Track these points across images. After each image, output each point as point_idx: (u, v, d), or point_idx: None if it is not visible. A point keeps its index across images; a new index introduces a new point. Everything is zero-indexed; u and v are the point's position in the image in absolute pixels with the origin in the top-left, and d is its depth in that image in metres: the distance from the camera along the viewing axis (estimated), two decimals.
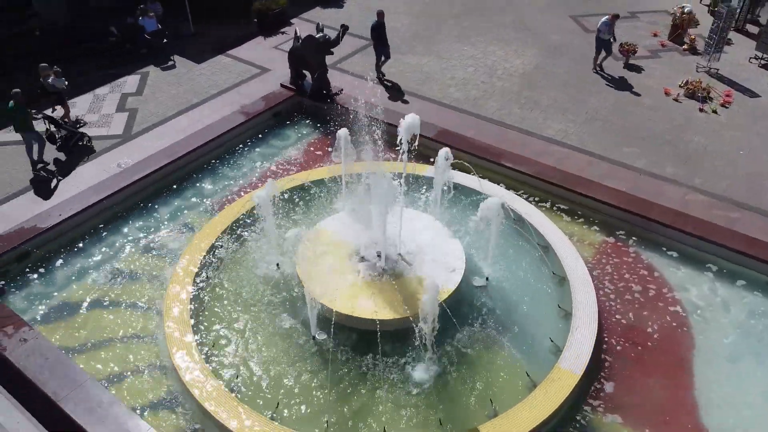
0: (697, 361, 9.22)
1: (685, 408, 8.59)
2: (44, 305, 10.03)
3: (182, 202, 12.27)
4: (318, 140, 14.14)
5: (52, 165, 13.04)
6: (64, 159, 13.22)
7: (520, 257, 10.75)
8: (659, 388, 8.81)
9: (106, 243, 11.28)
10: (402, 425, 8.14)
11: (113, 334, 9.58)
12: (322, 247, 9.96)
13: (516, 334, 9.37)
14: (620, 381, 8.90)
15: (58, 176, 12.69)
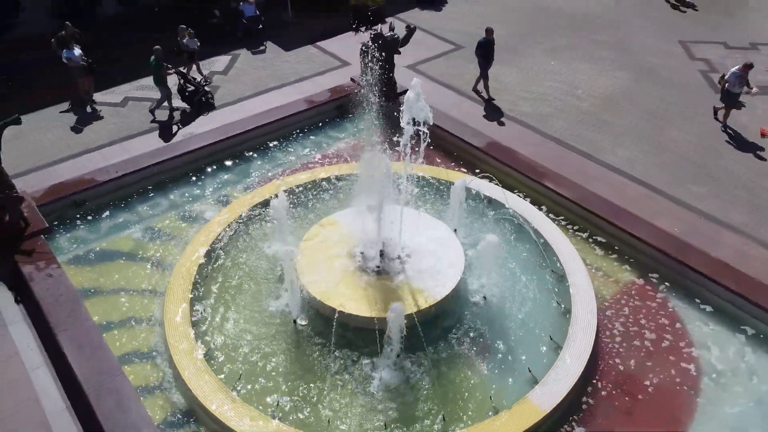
0: (693, 427, 8.31)
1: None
2: (81, 249, 11.15)
3: (227, 177, 12.99)
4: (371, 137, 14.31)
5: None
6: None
7: (530, 281, 10.26)
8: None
9: (150, 204, 12.25)
10: (347, 420, 8.15)
11: (130, 286, 10.42)
12: (327, 238, 10.16)
13: (496, 357, 9.01)
14: (594, 429, 8.24)
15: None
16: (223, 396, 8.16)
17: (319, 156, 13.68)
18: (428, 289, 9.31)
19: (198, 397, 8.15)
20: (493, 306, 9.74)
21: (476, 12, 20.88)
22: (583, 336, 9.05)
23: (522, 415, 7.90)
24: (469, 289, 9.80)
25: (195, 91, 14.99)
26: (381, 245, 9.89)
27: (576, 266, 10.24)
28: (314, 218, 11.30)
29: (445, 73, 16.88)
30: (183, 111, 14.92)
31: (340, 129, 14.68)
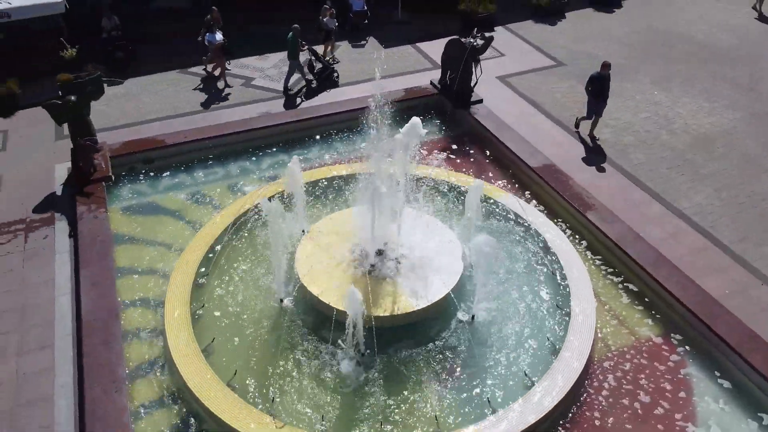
0: None
1: None
2: (134, 201, 12.36)
3: (284, 158, 13.60)
4: (433, 143, 14.17)
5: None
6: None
7: (531, 312, 9.70)
8: None
9: (208, 172, 13.22)
10: (286, 396, 8.37)
11: (163, 240, 11.37)
12: (332, 232, 10.38)
13: (455, 382, 8.62)
14: None
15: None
16: (186, 342, 8.76)
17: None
18: (410, 296, 9.18)
19: (170, 344, 8.81)
20: (478, 329, 9.34)
21: (594, 30, 19.83)
22: (562, 380, 8.41)
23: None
24: (459, 305, 9.45)
25: (323, 68, 16.28)
26: (382, 245, 9.89)
27: (585, 308, 9.49)
28: (337, 208, 11.60)
29: (534, 89, 16.25)
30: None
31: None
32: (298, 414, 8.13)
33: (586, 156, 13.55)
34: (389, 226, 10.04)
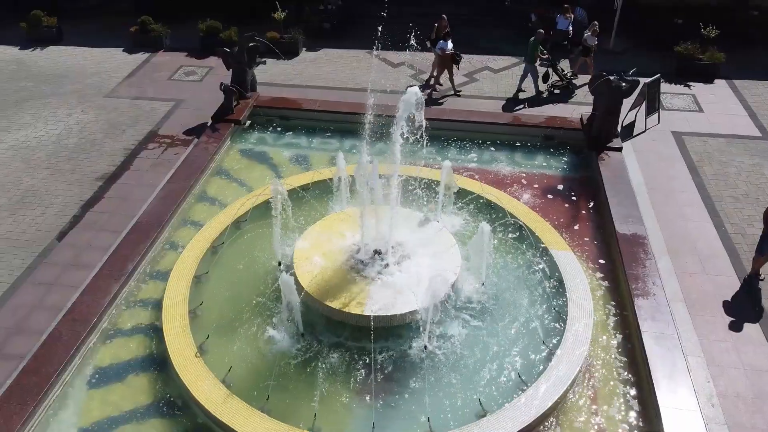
0: None
1: None
2: (252, 145, 14.13)
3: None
4: (542, 176, 13.09)
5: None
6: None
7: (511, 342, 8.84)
8: None
9: (322, 141, 14.35)
10: (224, 359, 8.92)
11: (250, 183, 12.83)
12: (337, 228, 10.53)
13: (392, 399, 8.27)
14: None
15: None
16: (176, 300, 9.60)
17: (473, 165, 13.41)
18: (388, 301, 9.05)
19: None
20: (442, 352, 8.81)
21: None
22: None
23: None
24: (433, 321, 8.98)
25: (560, 81, 16.23)
26: (380, 246, 9.85)
27: (569, 365, 8.27)
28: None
29: (708, 157, 13.59)
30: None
31: (531, 157, 13.77)
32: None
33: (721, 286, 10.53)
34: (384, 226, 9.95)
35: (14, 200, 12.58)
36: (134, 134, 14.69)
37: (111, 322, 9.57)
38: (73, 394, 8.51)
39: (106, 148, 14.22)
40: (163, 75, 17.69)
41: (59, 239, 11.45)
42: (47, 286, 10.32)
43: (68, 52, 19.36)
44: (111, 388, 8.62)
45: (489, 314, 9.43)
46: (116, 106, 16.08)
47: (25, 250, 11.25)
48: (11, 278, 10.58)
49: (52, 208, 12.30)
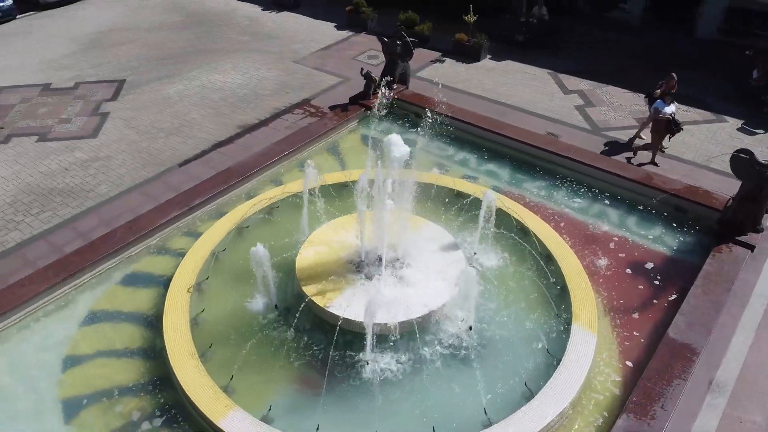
0: None
1: None
2: (372, 133, 14.65)
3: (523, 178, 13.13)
4: (642, 249, 11.18)
5: None
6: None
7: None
8: None
9: (438, 144, 14.10)
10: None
11: (352, 165, 13.46)
12: (343, 229, 10.47)
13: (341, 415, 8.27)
14: None
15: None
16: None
17: (572, 212, 12.03)
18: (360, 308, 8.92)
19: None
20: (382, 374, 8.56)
21: None
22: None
23: None
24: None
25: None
26: (383, 252, 9.69)
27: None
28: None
29: None
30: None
31: (639, 219, 11.88)
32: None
33: None
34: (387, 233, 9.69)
35: (175, 126, 15.18)
36: (292, 98, 16.36)
37: (161, 239, 11.15)
38: (100, 285, 10.28)
39: (264, 104, 16.14)
40: (350, 53, 19.15)
41: (180, 166, 13.57)
42: (147, 198, 12.41)
43: (294, 19, 22.08)
44: (132, 289, 10.18)
45: (458, 363, 8.72)
46: (296, 71, 18.00)
47: (155, 166, 13.61)
48: (128, 185, 12.96)
49: (193, 140, 14.54)
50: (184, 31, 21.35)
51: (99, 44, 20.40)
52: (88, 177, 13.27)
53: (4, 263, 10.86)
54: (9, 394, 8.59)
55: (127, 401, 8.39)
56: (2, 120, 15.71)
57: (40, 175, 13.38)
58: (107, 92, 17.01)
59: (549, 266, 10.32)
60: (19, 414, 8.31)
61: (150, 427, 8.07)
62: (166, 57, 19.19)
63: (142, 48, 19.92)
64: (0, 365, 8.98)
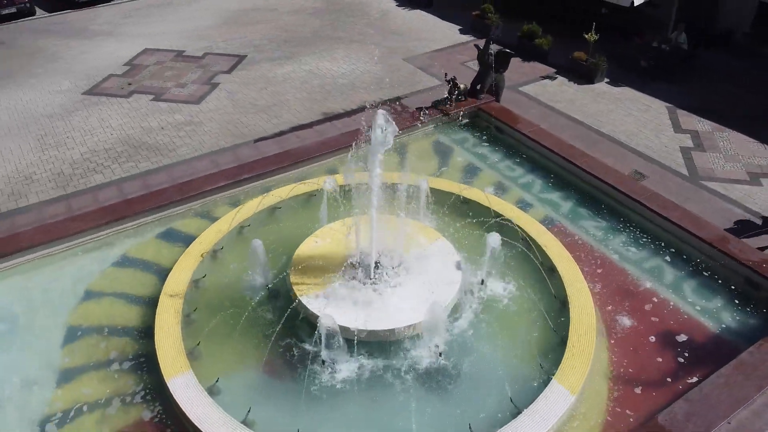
0: None
1: None
2: (441, 139, 14.32)
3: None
4: (689, 321, 9.78)
5: None
6: None
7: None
8: None
9: (507, 163, 13.47)
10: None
11: (411, 167, 13.36)
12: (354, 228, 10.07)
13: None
14: None
15: None
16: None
17: (620, 260, 10.85)
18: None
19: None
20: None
21: None
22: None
23: None
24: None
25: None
26: (380, 259, 9.53)
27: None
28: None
29: None
30: None
31: (695, 285, 10.37)
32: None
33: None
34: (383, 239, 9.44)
35: (268, 104, 16.12)
36: (385, 94, 16.54)
37: (204, 204, 11.94)
38: (140, 235, 11.32)
39: (355, 95, 16.51)
40: (461, 58, 18.80)
41: (255, 141, 14.42)
42: (214, 165, 13.36)
43: (422, 18, 22.17)
44: (166, 243, 11.08)
45: (411, 387, 8.36)
46: (401, 68, 18.13)
47: (234, 138, 14.61)
48: (204, 151, 14.05)
49: (277, 120, 15.35)
50: (317, 17, 22.43)
51: (237, 21, 22.19)
52: (175, 138, 14.60)
53: (78, 199, 12.38)
54: (33, 309, 9.84)
55: (113, 341, 9.21)
56: (133, 77, 17.78)
57: (140, 130, 14.99)
58: (226, 65, 18.48)
59: (561, 313, 9.45)
60: (33, 328, 9.50)
61: (118, 368, 8.79)
62: (290, 39, 20.33)
63: (272, 29, 21.30)
64: (34, 284, 10.31)
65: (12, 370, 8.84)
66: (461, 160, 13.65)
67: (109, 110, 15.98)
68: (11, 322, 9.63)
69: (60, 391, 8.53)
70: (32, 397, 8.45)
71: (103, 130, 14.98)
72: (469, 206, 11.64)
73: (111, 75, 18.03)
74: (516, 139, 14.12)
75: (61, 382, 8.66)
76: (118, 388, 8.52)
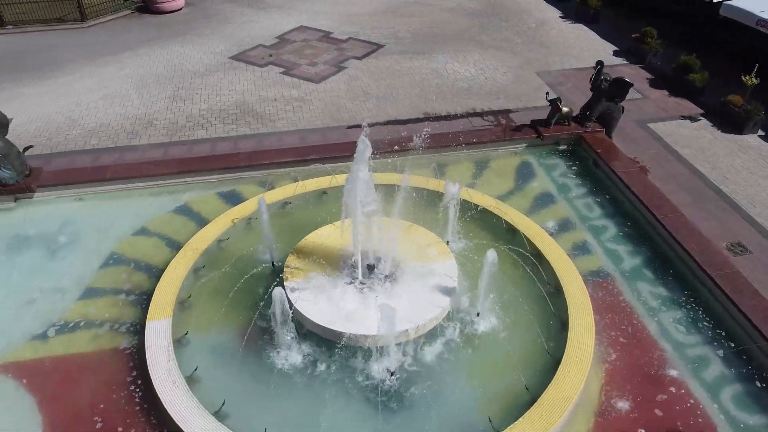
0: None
1: None
2: (540, 166, 13.42)
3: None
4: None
5: None
6: None
7: None
8: None
9: (590, 200, 12.29)
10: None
11: (480, 184, 12.85)
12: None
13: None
14: None
15: None
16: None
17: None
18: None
19: None
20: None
21: None
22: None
23: None
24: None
25: None
26: (374, 261, 9.35)
27: None
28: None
29: None
30: None
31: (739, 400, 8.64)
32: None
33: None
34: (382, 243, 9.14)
35: (378, 95, 16.40)
36: (496, 104, 15.91)
37: (268, 175, 12.56)
38: (204, 190, 12.39)
39: (466, 101, 16.09)
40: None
41: (348, 128, 14.82)
42: (301, 141, 14.07)
43: (580, 33, 20.68)
44: (222, 202, 12.05)
45: (360, 398, 8.18)
46: (528, 81, 17.22)
47: (331, 120, 15.15)
48: (298, 128, 14.79)
49: (377, 111, 15.59)
50: (469, 17, 22.08)
51: (393, 11, 22.69)
52: (281, 110, 15.58)
53: (175, 148, 13.89)
54: (93, 231, 11.33)
55: (135, 276, 10.30)
56: (277, 50, 19.22)
57: (257, 98, 16.24)
58: (361, 51, 19.12)
59: (547, 374, 8.47)
60: (84, 246, 10.96)
61: (125, 299, 9.83)
62: (431, 35, 20.34)
63: (421, 23, 21.46)
64: (103, 210, 11.83)
65: (52, 276, 10.34)
66: (537, 186, 12.70)
67: (242, 76, 17.50)
68: (71, 237, 11.23)
69: (75, 304, 9.80)
70: (55, 304, 9.83)
71: (227, 93, 16.49)
72: (513, 236, 10.84)
73: (260, 45, 19.67)
74: (608, 176, 12.77)
75: (81, 297, 9.94)
76: (115, 315, 9.57)
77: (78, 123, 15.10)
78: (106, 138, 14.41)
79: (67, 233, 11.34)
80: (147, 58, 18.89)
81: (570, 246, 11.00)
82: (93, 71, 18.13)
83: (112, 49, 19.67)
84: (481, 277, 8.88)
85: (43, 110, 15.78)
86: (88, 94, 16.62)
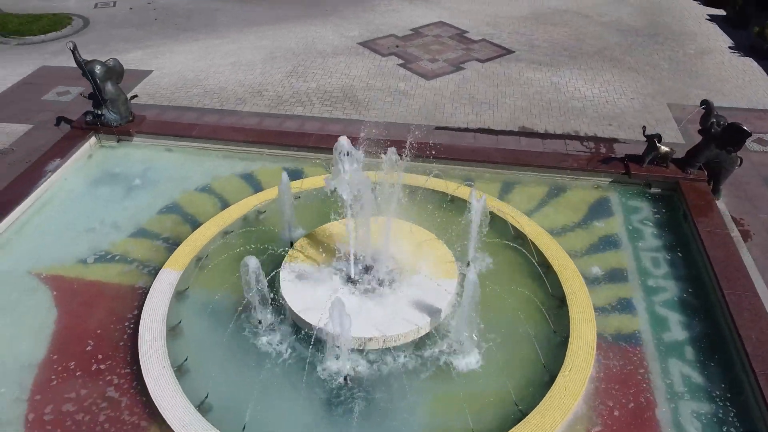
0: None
1: None
2: (617, 202, 12.17)
3: None
4: None
5: None
6: None
7: None
8: None
9: (649, 242, 10.92)
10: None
11: (543, 215, 12.04)
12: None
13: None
14: None
15: None
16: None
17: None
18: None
19: None
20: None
21: None
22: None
23: None
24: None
25: None
26: (371, 262, 9.22)
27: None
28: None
29: None
30: None
31: None
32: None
33: None
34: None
35: (478, 101, 15.85)
36: (605, 132, 14.55)
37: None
38: (256, 162, 13.07)
39: (571, 122, 14.89)
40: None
41: (435, 128, 14.61)
42: (381, 131, 14.21)
43: (745, 67, 17.97)
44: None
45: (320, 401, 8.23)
46: (653, 111, 15.48)
47: (423, 119, 15.00)
48: (379, 118, 14.87)
49: (474, 116, 15.11)
50: (621, 34, 20.21)
51: (542, 18, 21.55)
52: (379, 101, 15.78)
53: (269, 120, 14.77)
54: (165, 181, 12.54)
55: (181, 228, 11.24)
56: (405, 42, 19.39)
57: (363, 85, 16.60)
58: (488, 54, 18.56)
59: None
60: (153, 193, 12.19)
61: (161, 245, 10.81)
62: (570, 49, 19.05)
63: (565, 34, 20.16)
64: (179, 164, 13.03)
65: (117, 212, 11.68)
66: (606, 226, 11.50)
67: (361, 62, 17.96)
68: (148, 181, 12.55)
69: (123, 241, 10.98)
70: (107, 236, 11.11)
71: (339, 76, 17.07)
72: (547, 271, 10.03)
73: (392, 34, 19.97)
74: (692, 234, 11.16)
75: (130, 235, 11.12)
76: (147, 257, 10.58)
77: (201, 83, 16.66)
78: (216, 100, 15.74)
79: (146, 177, 12.69)
80: (286, 33, 20.15)
81: (611, 299, 9.88)
82: (238, 38, 19.79)
83: (262, 20, 21.29)
84: (462, 303, 8.38)
85: (180, 68, 17.64)
86: (222, 58, 18.23)
